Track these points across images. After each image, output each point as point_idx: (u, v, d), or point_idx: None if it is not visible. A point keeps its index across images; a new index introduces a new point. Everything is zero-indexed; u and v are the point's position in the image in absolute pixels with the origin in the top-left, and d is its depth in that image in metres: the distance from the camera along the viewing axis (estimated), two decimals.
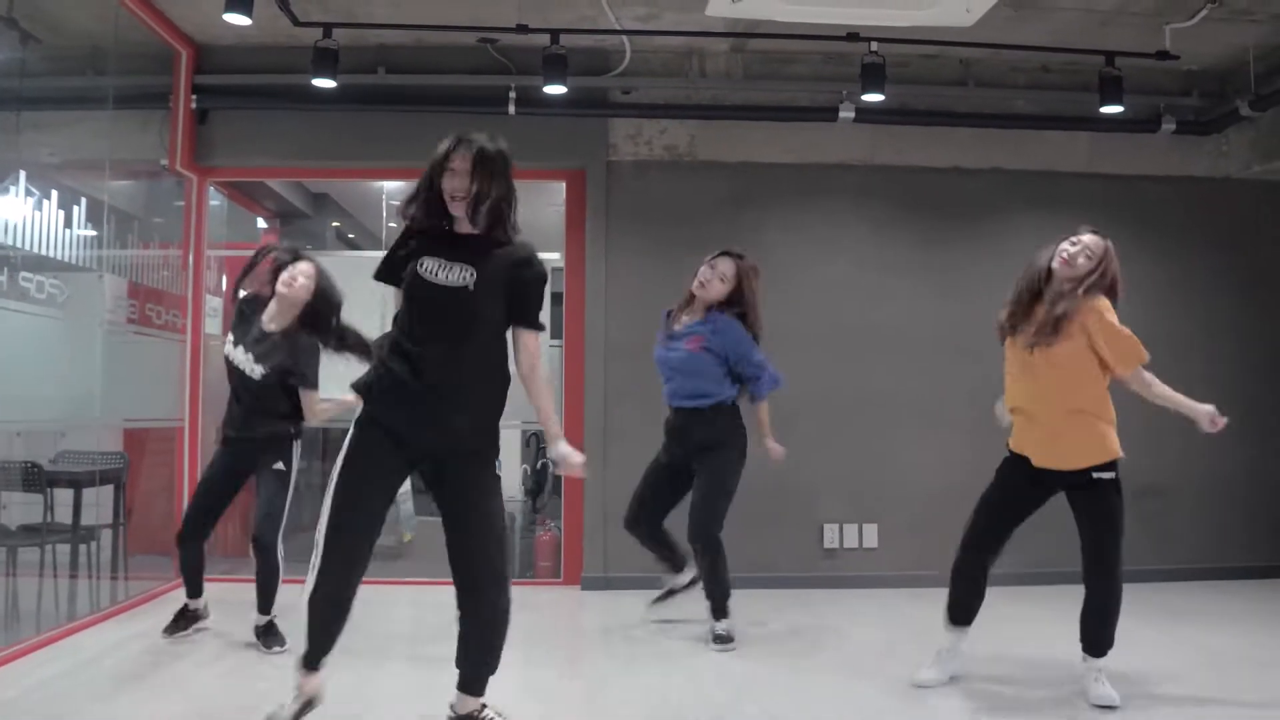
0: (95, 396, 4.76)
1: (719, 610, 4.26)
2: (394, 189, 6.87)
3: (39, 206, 4.13)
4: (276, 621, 4.05)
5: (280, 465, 4.04)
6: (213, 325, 5.98)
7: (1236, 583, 5.57)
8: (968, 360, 5.45)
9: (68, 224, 4.33)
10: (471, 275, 2.76)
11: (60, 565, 4.65)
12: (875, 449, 5.69)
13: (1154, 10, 5.02)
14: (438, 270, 2.77)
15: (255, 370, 3.95)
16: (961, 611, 3.64)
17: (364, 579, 2.81)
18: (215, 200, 6.28)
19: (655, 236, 5.64)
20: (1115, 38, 5.26)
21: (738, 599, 4.32)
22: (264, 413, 3.99)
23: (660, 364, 4.40)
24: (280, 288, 3.90)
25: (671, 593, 4.58)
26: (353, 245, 8.62)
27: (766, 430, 4.39)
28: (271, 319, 3.97)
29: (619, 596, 5.23)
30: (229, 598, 4.48)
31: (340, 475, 2.77)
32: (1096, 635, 3.42)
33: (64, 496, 4.60)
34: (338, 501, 2.75)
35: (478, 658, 2.87)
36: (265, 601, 4.03)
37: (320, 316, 3.89)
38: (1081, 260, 3.38)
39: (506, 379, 2.88)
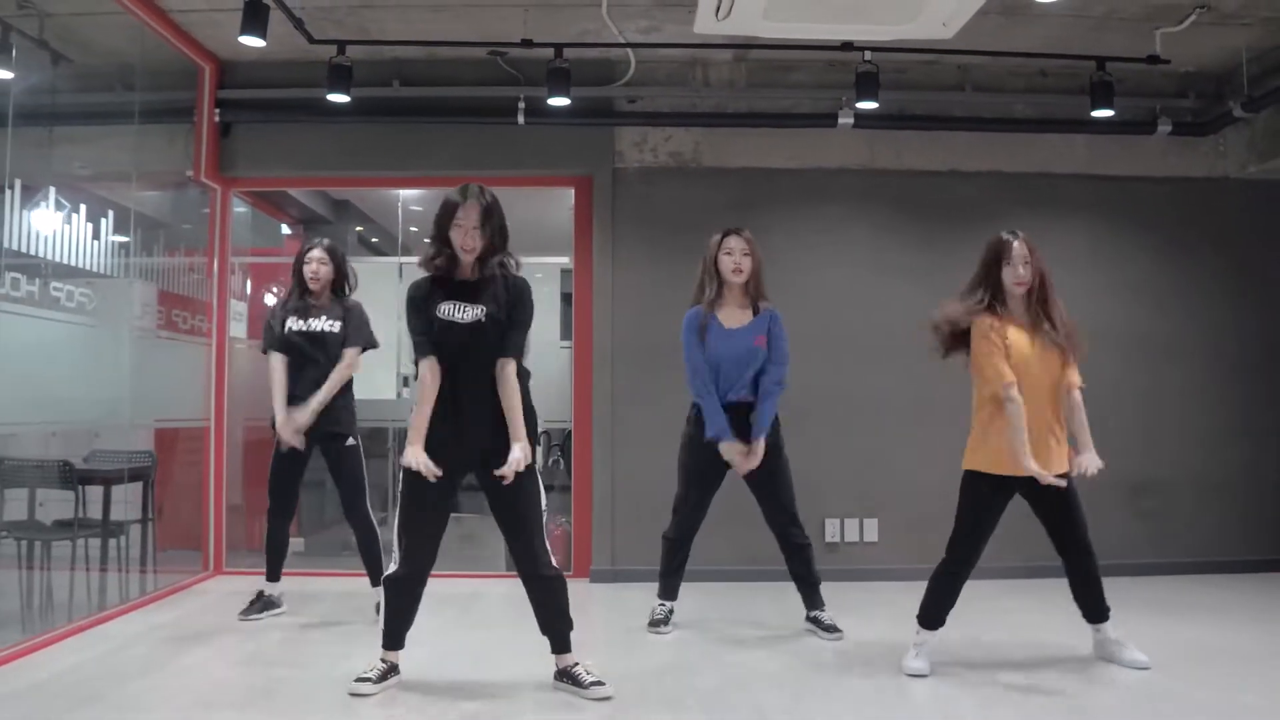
0: (125, 398, 5.01)
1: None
2: (410, 196, 7.10)
3: (69, 219, 4.38)
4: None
5: None
6: (237, 329, 6.23)
7: (1231, 577, 5.64)
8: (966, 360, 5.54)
9: (96, 235, 4.57)
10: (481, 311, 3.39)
11: (92, 559, 4.88)
12: (876, 446, 5.82)
13: (1143, 15, 5.12)
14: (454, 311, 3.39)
15: None
16: None
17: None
18: (241, 208, 6.52)
19: (661, 241, 5.80)
20: (1107, 42, 5.35)
21: (739, 592, 4.42)
22: None
23: (722, 359, 4.40)
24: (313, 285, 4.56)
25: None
26: (376, 250, 8.85)
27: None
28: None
29: (625, 589, 5.42)
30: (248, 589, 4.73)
31: None
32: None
33: (95, 493, 4.84)
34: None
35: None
36: None
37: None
38: None
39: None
